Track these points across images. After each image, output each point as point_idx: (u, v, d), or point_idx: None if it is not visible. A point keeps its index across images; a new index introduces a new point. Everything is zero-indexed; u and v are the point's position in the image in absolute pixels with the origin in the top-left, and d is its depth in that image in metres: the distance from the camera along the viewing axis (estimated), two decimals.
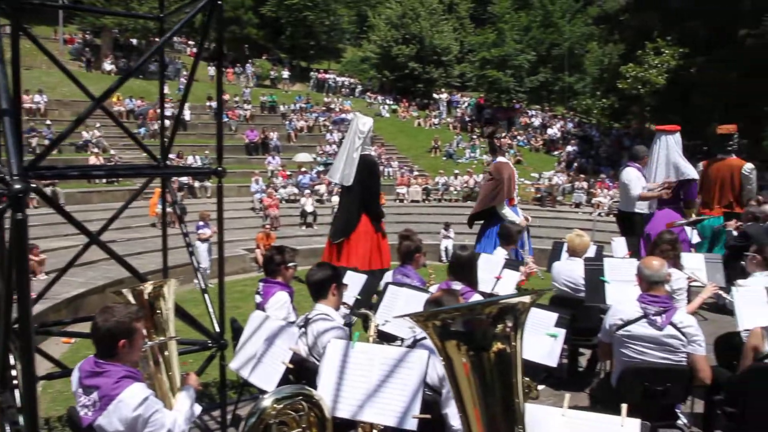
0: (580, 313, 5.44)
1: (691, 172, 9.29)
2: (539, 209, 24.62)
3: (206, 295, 4.81)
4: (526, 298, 1.77)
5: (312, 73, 39.77)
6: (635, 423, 2.40)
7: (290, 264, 4.85)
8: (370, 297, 5.26)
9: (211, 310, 4.75)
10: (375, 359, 3.12)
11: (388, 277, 5.40)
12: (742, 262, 6.02)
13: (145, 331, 3.17)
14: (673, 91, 28.43)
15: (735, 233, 9.06)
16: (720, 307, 7.23)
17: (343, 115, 31.97)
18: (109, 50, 32.44)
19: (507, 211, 8.24)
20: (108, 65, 30.58)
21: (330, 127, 30.64)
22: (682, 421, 4.72)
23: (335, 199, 22.95)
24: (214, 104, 27.14)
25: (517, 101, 36.15)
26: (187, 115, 27.19)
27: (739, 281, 5.48)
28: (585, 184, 25.34)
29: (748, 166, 10.45)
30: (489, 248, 7.63)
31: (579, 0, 38.43)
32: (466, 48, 40.45)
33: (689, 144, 32.50)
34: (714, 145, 11.05)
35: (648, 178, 9.14)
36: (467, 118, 35.55)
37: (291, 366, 3.59)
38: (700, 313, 8.26)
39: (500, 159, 8.60)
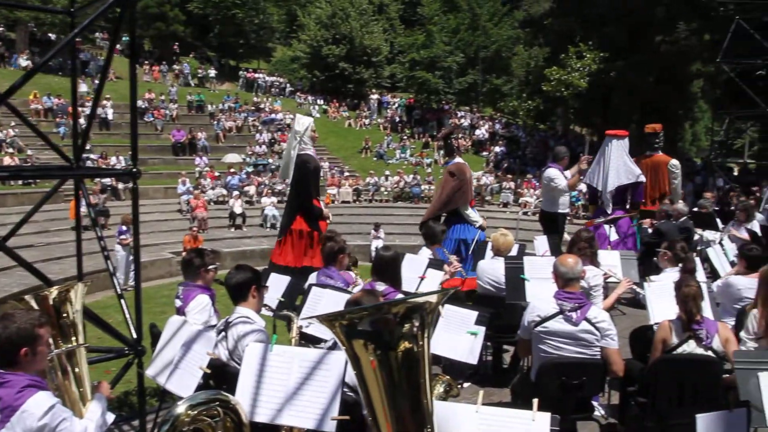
0: (504, 310, 5.56)
1: (640, 176, 9.72)
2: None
3: (122, 301, 4.64)
4: (433, 298, 1.78)
5: (241, 72, 39.12)
6: (545, 417, 2.45)
7: (210, 267, 4.75)
8: (294, 299, 5.21)
9: (127, 315, 4.59)
10: (293, 362, 3.09)
11: (312, 278, 5.36)
12: (655, 259, 6.29)
13: (51, 339, 3.02)
14: (595, 93, 29.47)
15: (649, 231, 9.49)
16: (637, 301, 7.53)
17: (273, 116, 31.59)
18: (24, 45, 30.96)
19: (471, 212, 8.38)
20: (24, 61, 29.17)
21: (259, 128, 30.22)
22: (599, 412, 4.90)
23: (265, 200, 22.68)
24: (139, 103, 26.30)
25: (447, 102, 36.64)
26: (110, 114, 26.27)
27: (652, 277, 5.73)
28: (512, 184, 25.91)
29: (674, 162, 11.03)
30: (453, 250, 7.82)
31: (506, 4, 39.30)
32: (396, 49, 40.69)
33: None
34: (643, 143, 11.61)
35: (601, 183, 9.53)
36: (397, 119, 35.78)
37: (209, 371, 3.50)
38: (619, 308, 8.60)
39: (458, 160, 8.74)
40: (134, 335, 4.59)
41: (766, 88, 19.53)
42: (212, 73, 36.87)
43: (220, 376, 3.79)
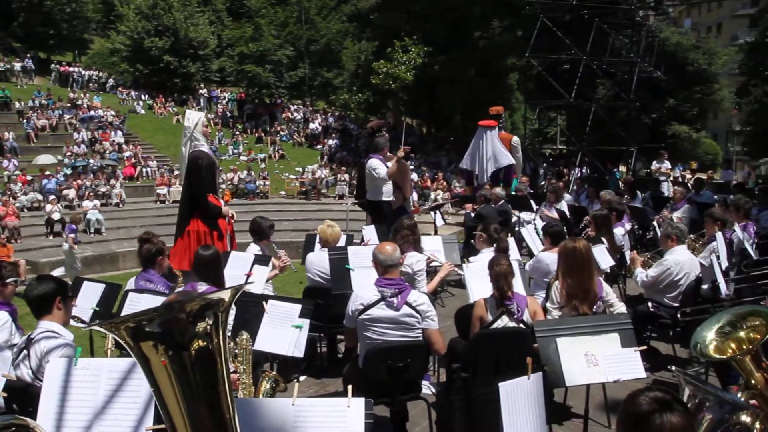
0: (335, 301, 5.62)
1: (510, 159, 10.48)
2: (305, 203, 25.08)
3: None
4: (227, 294, 1.74)
5: (53, 65, 36.01)
6: (360, 402, 2.51)
7: (9, 280, 4.32)
8: (111, 307, 4.89)
9: None
10: (101, 374, 2.89)
11: (130, 284, 5.07)
12: (472, 241, 6.67)
13: None
14: (421, 86, 30.65)
15: (472, 215, 10.06)
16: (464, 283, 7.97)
17: (92, 113, 29.46)
18: None
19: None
20: None
21: (77, 126, 28.02)
22: (429, 390, 5.11)
23: (87, 204, 21.06)
24: None
25: (279, 96, 36.32)
26: None
27: (470, 258, 6.07)
28: (347, 176, 26.31)
29: (516, 139, 12.13)
30: None
31: None
32: (225, 42, 39.56)
33: (439, 135, 35.56)
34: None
35: (478, 168, 10.22)
36: (229, 114, 34.89)
37: (4, 395, 3.18)
38: (448, 290, 9.06)
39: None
40: None
41: (571, 81, 21.40)
42: (18, 66, 33.57)
43: (24, 398, 3.46)
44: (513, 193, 12.00)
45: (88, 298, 4.95)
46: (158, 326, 1.64)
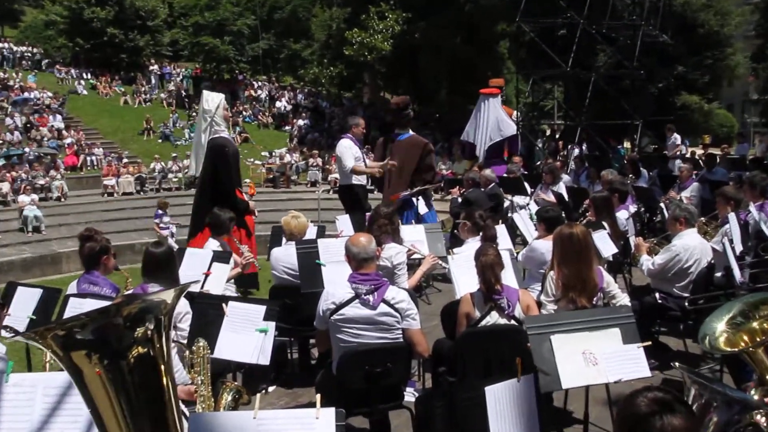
0: (304, 301, 5.62)
1: (513, 128, 10.71)
2: (273, 191, 24.99)
3: None
4: (169, 295, 1.73)
5: None
6: (329, 412, 2.51)
7: None
8: (50, 315, 4.85)
9: None
10: (37, 391, 2.87)
11: (71, 287, 5.03)
12: (456, 231, 6.71)
13: None
14: (401, 57, 30.56)
15: (459, 200, 10.09)
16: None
17: (26, 94, 29.06)
18: None
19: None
20: None
21: (9, 110, 27.61)
22: (413, 398, 5.13)
23: (23, 198, 20.79)
24: None
25: (240, 72, 36.08)
26: None
27: (455, 249, 6.10)
28: (320, 161, 26.24)
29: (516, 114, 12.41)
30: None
31: None
32: (177, 11, 39.19)
33: (423, 112, 35.52)
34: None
35: (478, 141, 10.39)
36: (184, 93, 34.61)
37: None
38: (434, 285, 9.10)
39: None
40: None
41: (567, 48, 21.41)
42: None
43: None
44: (516, 164, 12.17)
45: (23, 306, 4.90)
46: (91, 333, 1.63)
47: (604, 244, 6.58)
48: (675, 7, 27.90)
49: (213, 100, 7.75)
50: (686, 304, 5.86)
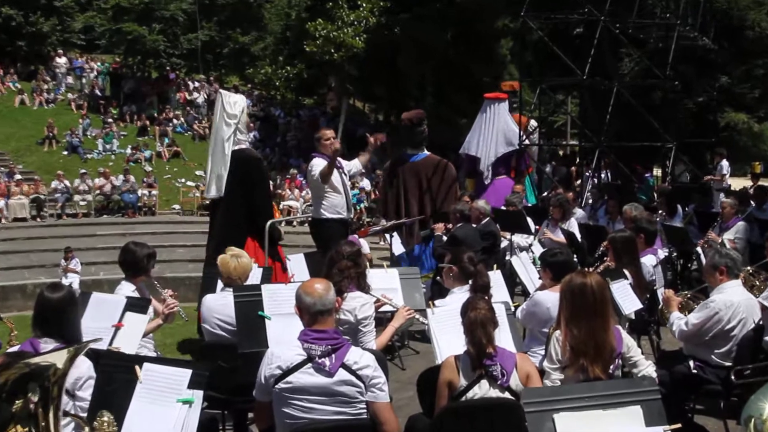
0: (243, 363, 5.57)
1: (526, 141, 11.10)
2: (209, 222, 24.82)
3: None
4: (61, 357, 1.71)
5: None
6: None
7: None
8: None
9: None
10: None
11: None
12: (438, 278, 6.73)
13: None
14: (376, 56, 30.74)
15: (444, 238, 10.12)
16: None
17: None
18: None
19: None
20: None
21: None
22: None
23: None
24: None
25: (172, 68, 36.11)
26: None
27: (437, 301, 6.10)
28: (270, 183, 26.23)
29: (533, 123, 12.72)
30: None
31: None
32: None
33: (398, 124, 35.68)
34: None
35: (482, 151, 10.60)
36: (99, 94, 34.52)
37: None
38: (410, 345, 9.09)
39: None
40: None
41: (584, 51, 21.56)
42: None
43: None
44: (517, 194, 12.34)
45: None
46: None
47: (625, 297, 6.62)
48: (718, 3, 28.39)
49: (238, 103, 7.90)
50: (732, 375, 5.88)
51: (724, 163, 17.76)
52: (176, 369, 4.23)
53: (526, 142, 12.12)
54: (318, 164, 8.72)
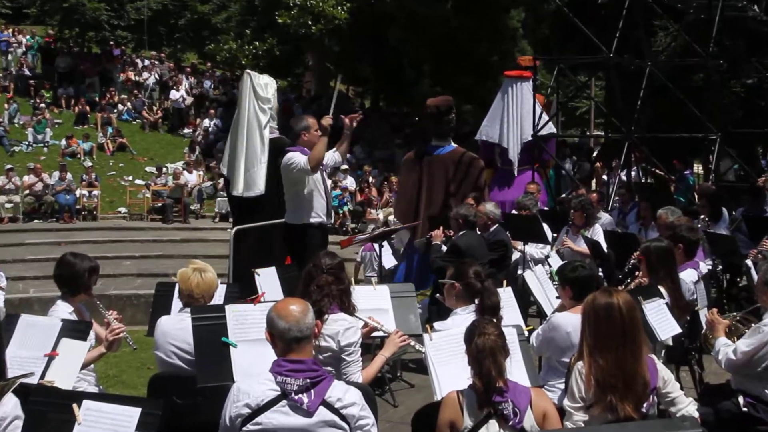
0: (204, 399, 5.56)
1: (551, 126, 11.20)
2: (162, 228, 24.90)
3: None
4: None
5: None
6: None
7: None
8: None
9: None
10: None
11: None
12: (438, 295, 6.73)
13: None
14: (363, 30, 30.77)
15: (443, 248, 10.11)
16: None
17: None
18: None
19: None
20: None
21: None
22: None
23: None
24: None
25: (117, 43, 36.09)
26: None
27: (436, 324, 6.10)
28: None
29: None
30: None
31: None
32: None
33: (393, 111, 35.70)
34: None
35: (505, 138, 10.72)
36: (29, 72, 34.45)
37: None
38: (403, 377, 9.09)
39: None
40: None
41: (611, 25, 21.53)
42: None
43: None
44: (531, 195, 12.41)
45: None
46: None
47: (661, 320, 6.63)
48: None
49: (269, 84, 8.01)
50: None
51: None
52: (122, 407, 4.21)
53: (553, 130, 12.26)
54: (297, 158, 8.68)
